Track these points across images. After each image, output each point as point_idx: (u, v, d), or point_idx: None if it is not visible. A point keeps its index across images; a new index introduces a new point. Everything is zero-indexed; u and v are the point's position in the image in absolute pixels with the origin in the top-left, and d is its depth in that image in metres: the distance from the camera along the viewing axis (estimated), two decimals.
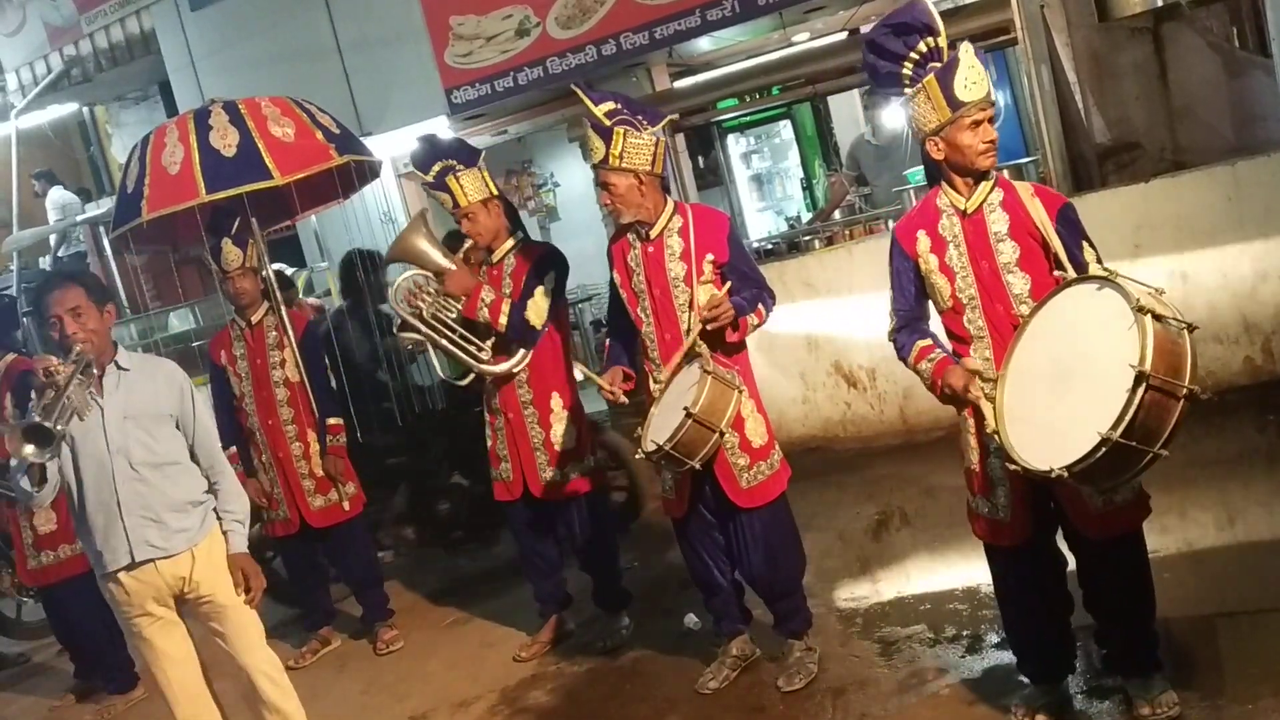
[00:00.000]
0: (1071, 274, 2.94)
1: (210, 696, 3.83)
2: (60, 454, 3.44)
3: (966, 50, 3.04)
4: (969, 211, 3.13)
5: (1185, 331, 2.69)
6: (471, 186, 4.54)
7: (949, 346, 3.24)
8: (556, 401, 4.68)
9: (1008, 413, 2.94)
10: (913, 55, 3.09)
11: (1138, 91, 6.40)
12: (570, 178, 11.42)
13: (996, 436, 2.95)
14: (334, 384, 5.57)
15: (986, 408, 3.02)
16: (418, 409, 6.41)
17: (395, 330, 4.79)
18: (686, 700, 4.10)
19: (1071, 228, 3.07)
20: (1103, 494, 3.04)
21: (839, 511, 5.73)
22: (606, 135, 3.82)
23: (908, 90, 3.12)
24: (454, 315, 4.58)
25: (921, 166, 6.94)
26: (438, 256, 4.60)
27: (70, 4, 10.67)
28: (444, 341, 4.57)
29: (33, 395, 3.46)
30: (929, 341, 3.25)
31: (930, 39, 3.07)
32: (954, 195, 3.16)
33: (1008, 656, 3.68)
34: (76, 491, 3.59)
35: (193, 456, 3.74)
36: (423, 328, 4.58)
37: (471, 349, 4.58)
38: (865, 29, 8.72)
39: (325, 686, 5.11)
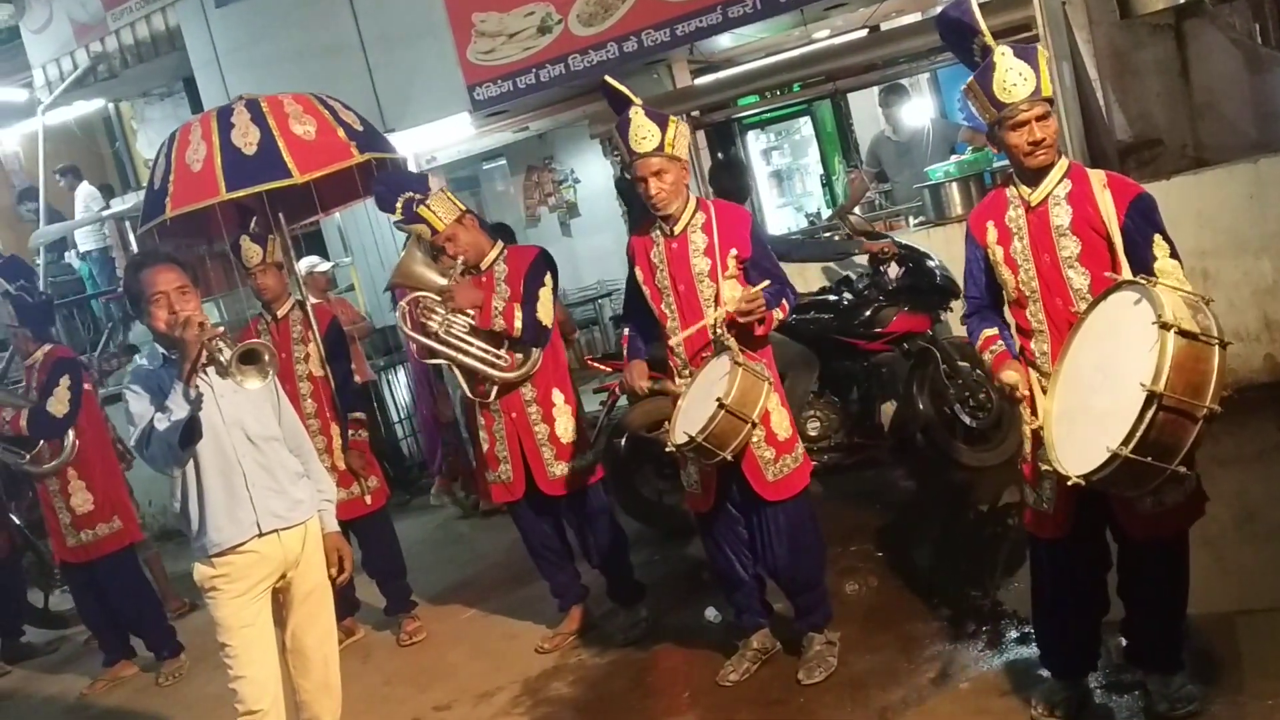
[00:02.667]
0: (1121, 276, 2.91)
1: (279, 684, 3.71)
2: (271, 378, 3.41)
3: (1002, 54, 3.02)
4: (1034, 204, 3.13)
5: (1216, 349, 2.62)
6: (442, 209, 4.65)
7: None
8: (558, 396, 4.75)
9: (1055, 411, 2.94)
10: (973, 47, 3.11)
11: (1159, 88, 6.41)
12: (591, 174, 11.46)
13: (1040, 432, 2.96)
14: (357, 380, 5.63)
15: (1039, 402, 3.03)
16: None
17: (417, 355, 4.82)
18: (707, 692, 4.14)
19: (1143, 220, 3.03)
20: (1141, 498, 2.99)
21: (855, 507, 5.76)
22: (663, 122, 3.83)
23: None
24: (466, 330, 4.63)
25: (941, 163, 6.97)
26: (436, 277, 4.67)
27: (96, 0, 10.77)
28: (466, 358, 4.63)
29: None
30: (995, 331, 3.27)
31: (976, 38, 3.09)
32: (1021, 187, 3.16)
33: (1029, 651, 3.71)
34: (195, 469, 3.55)
35: None
36: (443, 348, 4.64)
37: (490, 358, 4.63)
38: (885, 25, 8.74)
39: (349, 677, 5.08)
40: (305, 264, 7.56)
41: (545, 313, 4.56)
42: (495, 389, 4.68)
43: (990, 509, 5.51)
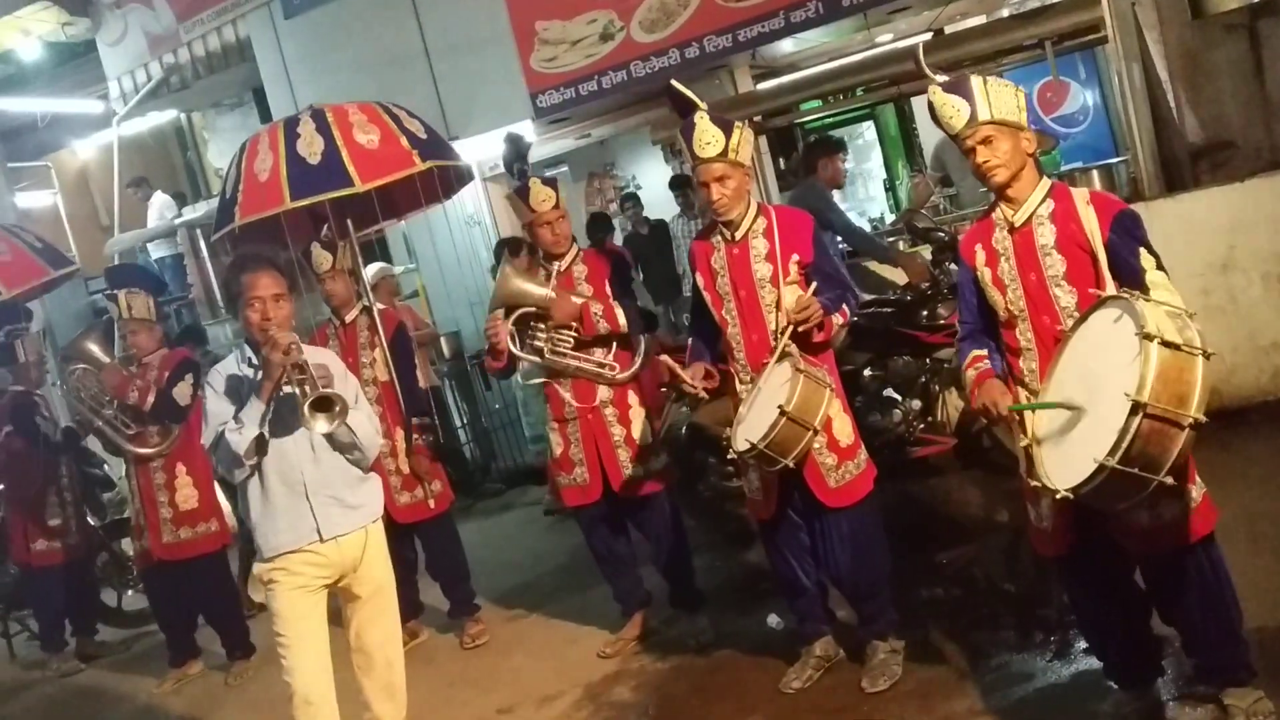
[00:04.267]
0: (1105, 292, 2.91)
1: (331, 676, 3.81)
2: (345, 420, 3.53)
3: (934, 92, 3.16)
4: (1018, 224, 3.16)
5: (1200, 359, 2.61)
6: (548, 194, 4.67)
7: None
8: (633, 398, 4.77)
9: (1042, 428, 2.94)
10: None
11: (1232, 89, 6.26)
12: (652, 180, 11.49)
13: (1028, 450, 2.95)
14: (423, 384, 5.69)
15: (1026, 422, 3.00)
16: None
17: (522, 381, 4.89)
18: (769, 699, 4.12)
19: (1127, 235, 3.03)
20: (1134, 512, 2.96)
21: (918, 511, 5.70)
22: (728, 128, 3.84)
23: None
24: (570, 344, 4.67)
25: None
26: (535, 289, 4.70)
27: (170, 13, 11.01)
28: (579, 371, 4.69)
29: (228, 368, 3.70)
30: (983, 351, 3.27)
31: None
32: (1005, 208, 3.20)
33: (1096, 663, 3.64)
34: (260, 475, 3.68)
35: None
36: (556, 367, 4.70)
37: (596, 367, 4.68)
38: (950, 29, 8.67)
39: (413, 678, 5.14)
40: (374, 270, 7.67)
41: (640, 301, 4.66)
42: (561, 388, 4.73)
43: None
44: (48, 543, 6.76)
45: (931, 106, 3.18)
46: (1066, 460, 2.79)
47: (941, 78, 3.18)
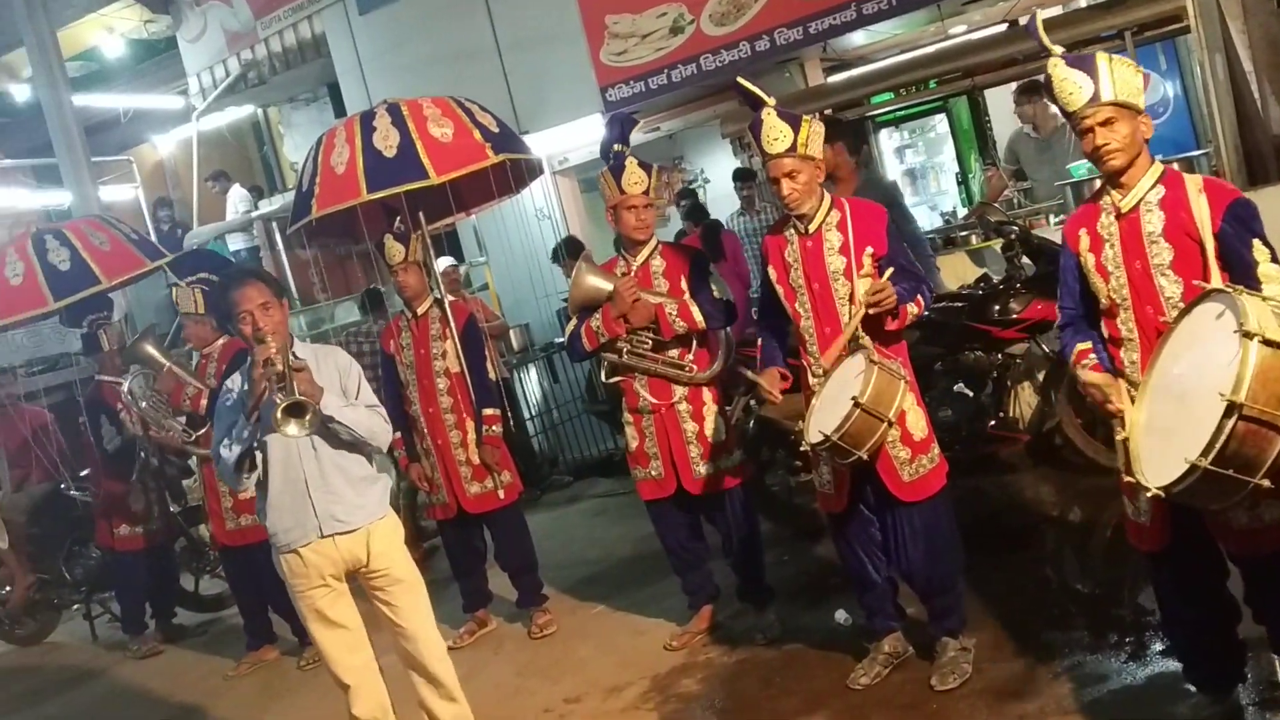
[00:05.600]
0: (1210, 284, 2.81)
1: (376, 667, 4.02)
2: (308, 431, 3.66)
3: (1055, 65, 3.06)
4: (1125, 210, 3.07)
5: None
6: (638, 176, 4.64)
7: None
8: (707, 394, 4.75)
9: (1142, 422, 2.87)
10: None
11: None
12: (720, 173, 11.45)
13: (1125, 444, 2.90)
14: (493, 376, 5.74)
15: (1127, 415, 2.95)
16: None
17: (605, 378, 4.92)
18: (837, 695, 4.10)
19: (1240, 225, 2.93)
20: (1232, 512, 2.88)
21: (990, 508, 5.64)
22: (795, 122, 3.82)
23: None
24: (649, 345, 4.69)
25: (1083, 160, 6.77)
26: (605, 283, 4.72)
27: (247, 10, 11.23)
28: (658, 372, 4.71)
29: (236, 383, 3.81)
30: (1089, 344, 3.19)
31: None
32: (1113, 193, 3.10)
33: (1174, 665, 3.57)
34: (264, 473, 3.86)
35: None
36: (638, 369, 4.72)
37: (675, 369, 4.69)
38: (1024, 20, 8.53)
39: (481, 667, 5.28)
40: (440, 264, 7.75)
41: (720, 291, 4.65)
42: (635, 381, 4.76)
43: None
44: (130, 528, 6.93)
45: (1049, 82, 3.07)
46: (1162, 457, 2.72)
47: (1060, 51, 3.07)
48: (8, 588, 7.89)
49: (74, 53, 12.74)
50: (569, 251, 8.30)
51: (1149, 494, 2.68)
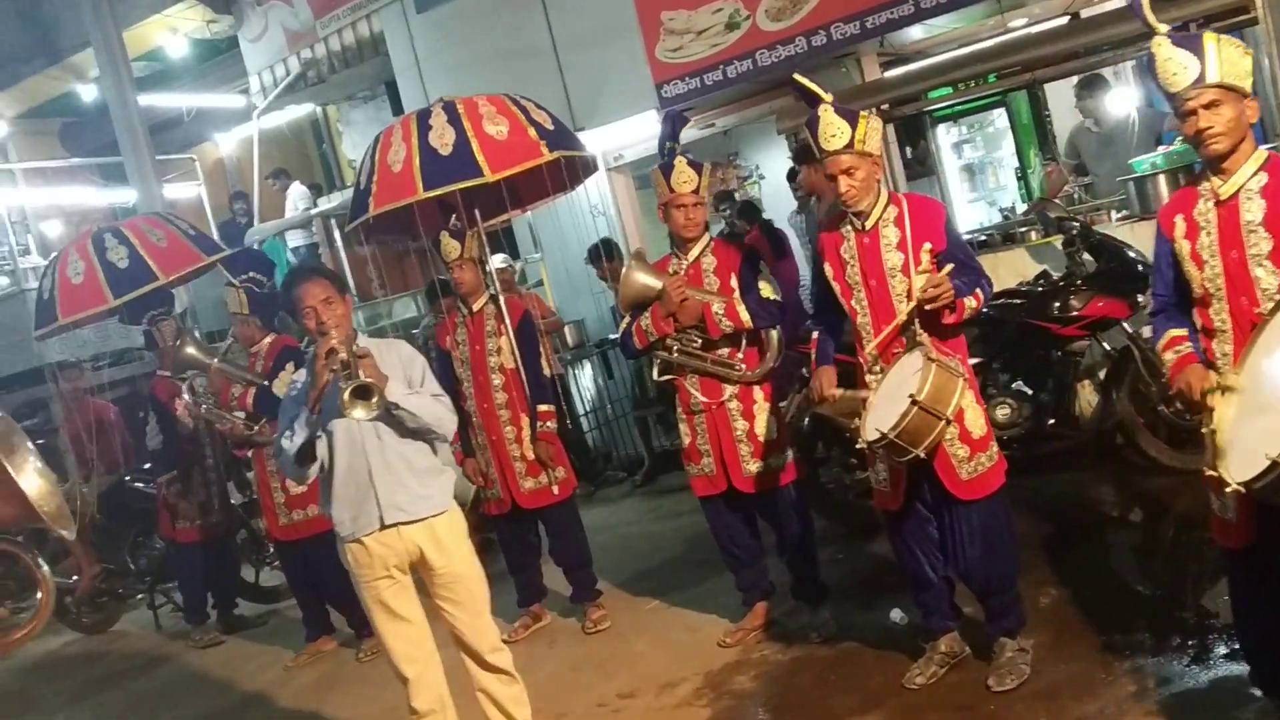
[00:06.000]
0: None
1: (438, 660, 4.07)
2: (374, 414, 3.70)
3: (1159, 44, 2.98)
4: (1224, 197, 2.99)
5: None
6: (687, 175, 4.64)
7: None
8: (759, 392, 4.74)
9: (1230, 417, 2.81)
10: None
11: None
12: (775, 170, 11.40)
13: (1213, 438, 2.83)
14: (547, 372, 5.76)
15: (1216, 408, 2.89)
16: None
17: (656, 376, 4.93)
18: (893, 694, 4.07)
19: None
20: None
21: (1050, 508, 5.56)
22: (853, 119, 3.79)
23: None
24: (698, 344, 4.69)
25: (1146, 155, 6.66)
26: (655, 280, 4.73)
27: (308, 9, 11.37)
28: (704, 371, 4.71)
29: (300, 376, 3.89)
30: (1182, 331, 3.13)
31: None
32: (1213, 179, 3.03)
33: (1238, 669, 3.51)
34: (329, 464, 3.91)
35: None
36: (688, 368, 4.73)
37: (724, 365, 4.68)
38: (1086, 13, 8.38)
39: (536, 661, 5.31)
40: (493, 261, 7.81)
41: (768, 292, 4.64)
42: (686, 379, 4.76)
43: (1195, 515, 5.22)
44: (190, 520, 7.07)
45: (1151, 62, 3.00)
46: (1245, 452, 2.68)
47: (1166, 29, 3.00)
48: (75, 577, 8.07)
49: (139, 53, 12.96)
50: (606, 254, 8.34)
51: (1228, 489, 2.64)
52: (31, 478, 2.51)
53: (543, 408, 5.58)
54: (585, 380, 9.40)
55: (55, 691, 7.22)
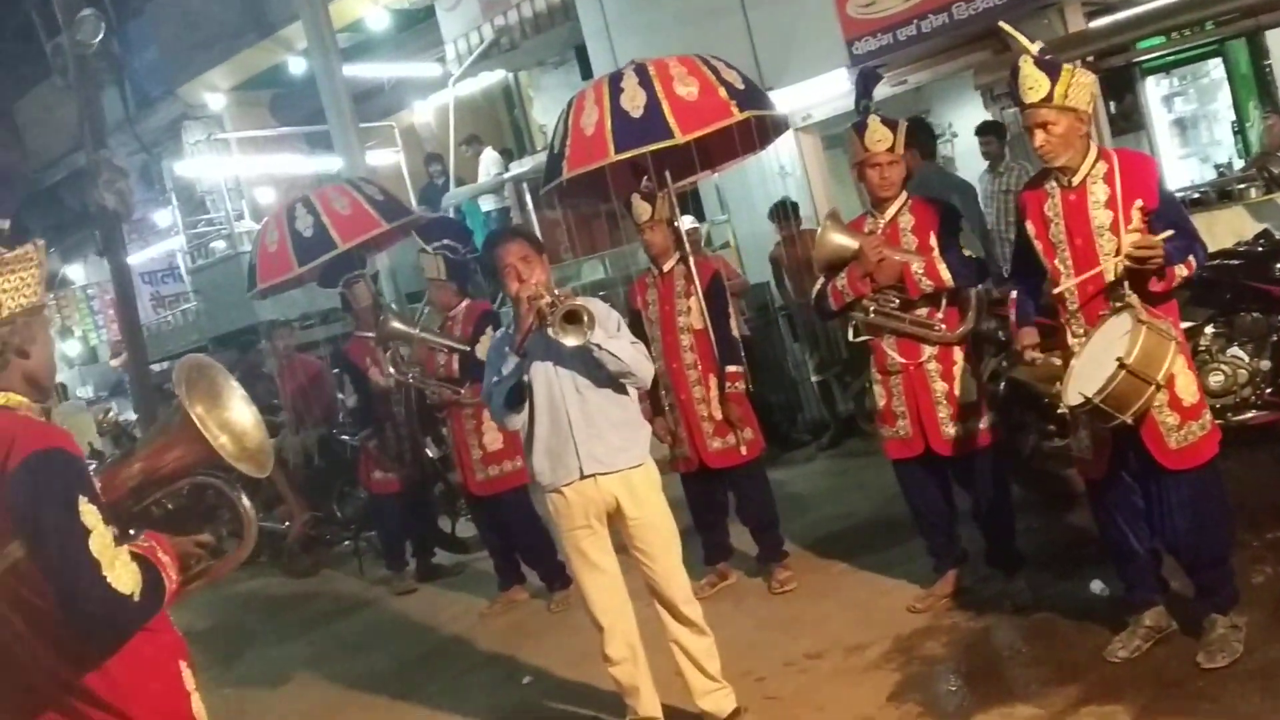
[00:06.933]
0: None
1: (630, 610, 4.18)
2: (590, 336, 3.81)
3: None
4: None
5: None
6: (881, 133, 4.56)
7: None
8: (958, 354, 4.64)
9: None
10: None
11: None
12: (968, 128, 11.02)
13: None
14: (736, 333, 5.77)
15: None
16: None
17: (852, 337, 4.89)
18: (1092, 667, 3.94)
19: None
20: None
21: (1268, 479, 5.25)
22: (1054, 71, 3.65)
23: None
24: (895, 305, 4.63)
25: None
26: (850, 240, 4.67)
27: None
28: (902, 331, 4.66)
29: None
30: None
31: None
32: None
33: None
34: (529, 416, 4.05)
35: None
36: (885, 329, 4.68)
37: (923, 325, 4.62)
38: None
39: (722, 619, 5.32)
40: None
41: (971, 249, 4.55)
42: (883, 340, 4.70)
43: None
44: (384, 473, 7.41)
45: None
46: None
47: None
48: (286, 523, 8.61)
49: (343, 24, 13.51)
50: (785, 214, 8.27)
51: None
52: (241, 408, 2.70)
53: (731, 369, 5.59)
54: (770, 342, 9.35)
55: (271, 629, 7.72)
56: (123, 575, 2.26)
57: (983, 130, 8.61)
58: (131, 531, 2.53)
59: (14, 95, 18.94)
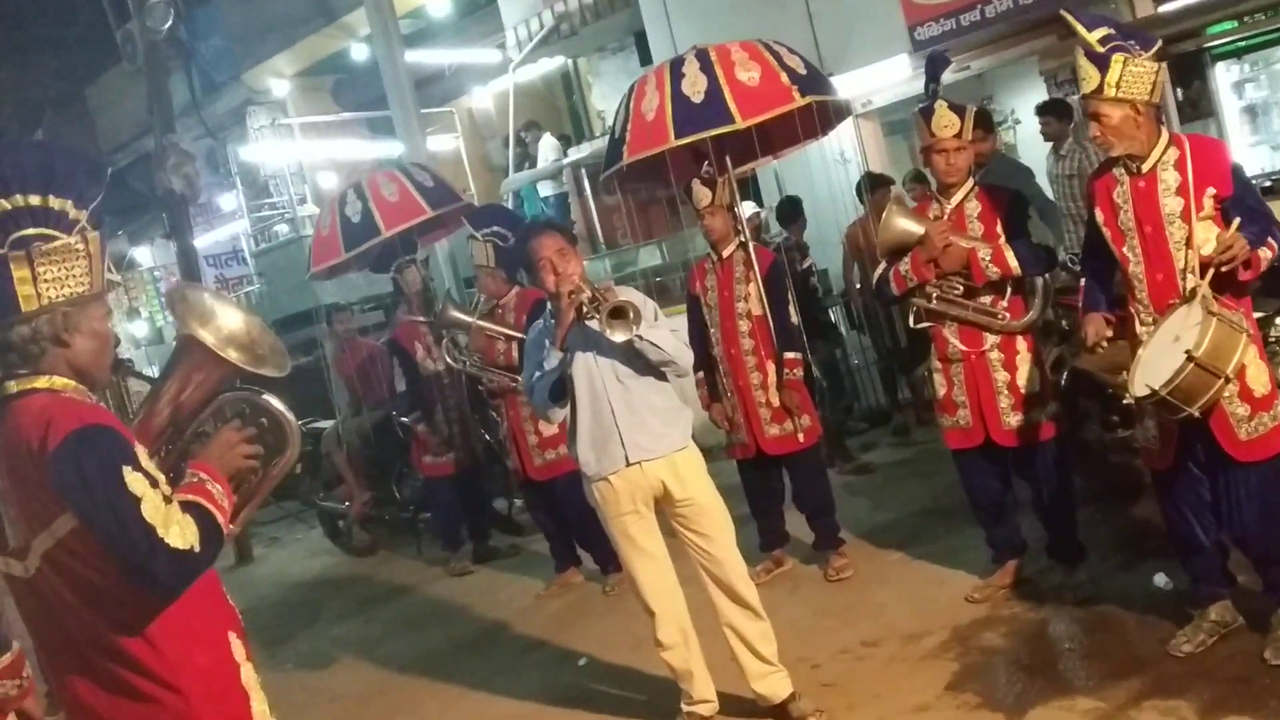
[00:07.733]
0: None
1: (680, 595, 4.20)
2: (636, 332, 3.84)
3: None
4: None
5: None
6: (949, 119, 4.51)
7: None
8: (1021, 343, 4.58)
9: None
10: None
11: None
12: (1031, 114, 10.87)
13: None
14: (795, 320, 5.75)
15: None
16: None
17: (913, 324, 4.85)
18: (1155, 662, 3.89)
19: None
20: None
21: None
22: (1102, 63, 3.61)
23: None
24: (959, 291, 4.59)
25: None
26: (915, 226, 4.63)
27: None
28: (965, 319, 4.61)
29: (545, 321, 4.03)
30: None
31: None
32: None
33: None
34: (572, 406, 4.10)
35: None
36: (947, 316, 4.64)
37: (987, 313, 4.57)
38: None
39: (777, 605, 5.32)
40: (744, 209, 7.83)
41: (1038, 236, 4.51)
42: (944, 327, 4.66)
43: None
44: (435, 457, 7.50)
45: None
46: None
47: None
48: (347, 503, 8.73)
49: (405, 11, 13.61)
50: (874, 187, 8.16)
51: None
52: (233, 316, 2.69)
53: (789, 355, 5.57)
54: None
55: (332, 606, 7.84)
56: (179, 532, 2.30)
57: (1042, 110, 8.44)
58: (184, 464, 2.56)
59: (85, 80, 19.37)
